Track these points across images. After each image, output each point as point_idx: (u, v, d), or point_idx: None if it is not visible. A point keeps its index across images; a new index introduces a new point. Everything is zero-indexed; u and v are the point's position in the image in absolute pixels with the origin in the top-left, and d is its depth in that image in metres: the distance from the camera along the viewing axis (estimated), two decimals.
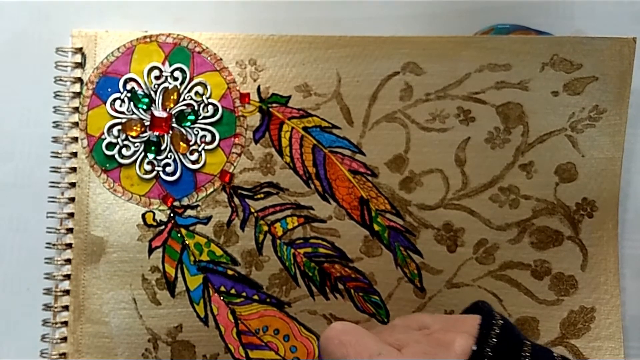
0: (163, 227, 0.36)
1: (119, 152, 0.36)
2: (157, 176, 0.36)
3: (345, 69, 0.36)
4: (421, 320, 0.29)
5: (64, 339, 0.36)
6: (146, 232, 0.36)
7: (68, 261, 0.36)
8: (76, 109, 0.36)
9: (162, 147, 0.36)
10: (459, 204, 0.35)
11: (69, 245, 0.36)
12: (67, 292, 0.36)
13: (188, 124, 0.36)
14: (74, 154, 0.36)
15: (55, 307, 0.36)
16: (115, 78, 0.36)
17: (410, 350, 0.26)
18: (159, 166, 0.36)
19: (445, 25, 0.38)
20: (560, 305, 0.35)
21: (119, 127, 0.36)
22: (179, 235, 0.36)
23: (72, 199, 0.36)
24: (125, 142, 0.36)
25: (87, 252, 0.36)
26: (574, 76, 0.35)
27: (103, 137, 0.36)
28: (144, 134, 0.36)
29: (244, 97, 0.36)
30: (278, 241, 0.36)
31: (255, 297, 0.36)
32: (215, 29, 0.37)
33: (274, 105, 0.36)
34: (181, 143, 0.36)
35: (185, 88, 0.36)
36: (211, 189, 0.36)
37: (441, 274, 0.35)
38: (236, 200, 0.36)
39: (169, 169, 0.36)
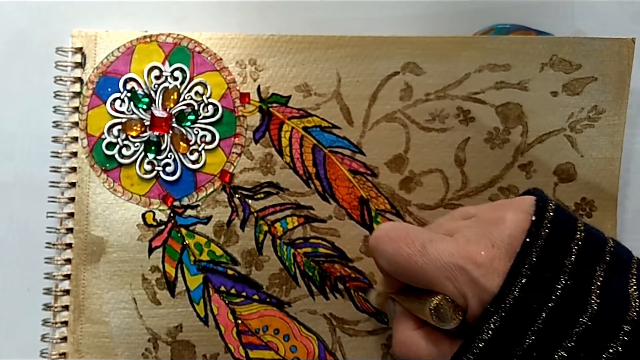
0: (163, 227, 0.36)
1: (119, 152, 0.36)
2: (157, 176, 0.36)
3: (345, 69, 0.36)
4: (466, 211, 0.28)
5: (64, 339, 0.36)
6: (146, 232, 0.36)
7: (68, 261, 0.36)
8: (76, 109, 0.36)
9: (162, 147, 0.36)
10: (459, 204, 0.35)
11: (69, 245, 0.36)
12: (67, 292, 0.36)
13: (188, 123, 0.36)
14: (74, 154, 0.36)
15: (55, 307, 0.36)
16: (115, 78, 0.36)
17: (462, 234, 0.25)
18: (159, 166, 0.36)
19: (445, 25, 0.38)
20: None
21: (119, 127, 0.36)
22: (179, 235, 0.36)
23: (72, 199, 0.36)
24: (125, 142, 0.36)
25: (87, 252, 0.36)
26: (573, 76, 0.35)
27: (103, 137, 0.36)
28: (144, 134, 0.36)
29: (244, 97, 0.36)
30: (278, 241, 0.36)
31: (255, 296, 0.36)
32: (215, 29, 0.37)
33: (274, 105, 0.36)
34: (181, 143, 0.36)
35: (185, 88, 0.36)
36: (211, 189, 0.36)
37: None
38: (236, 200, 0.36)
39: (169, 169, 0.36)
